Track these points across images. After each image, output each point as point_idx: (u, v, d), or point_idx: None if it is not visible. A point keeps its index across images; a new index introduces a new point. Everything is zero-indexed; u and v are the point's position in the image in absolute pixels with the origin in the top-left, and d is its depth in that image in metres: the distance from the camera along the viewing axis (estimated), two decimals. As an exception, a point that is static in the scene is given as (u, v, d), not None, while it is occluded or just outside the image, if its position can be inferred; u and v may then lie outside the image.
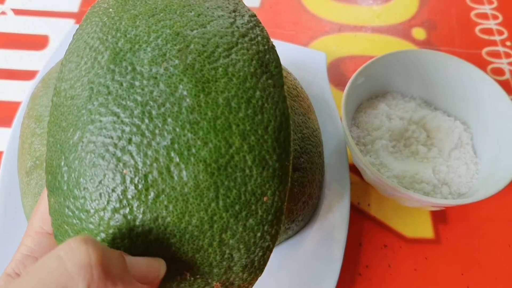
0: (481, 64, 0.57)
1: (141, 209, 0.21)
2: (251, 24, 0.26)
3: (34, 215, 0.25)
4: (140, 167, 0.21)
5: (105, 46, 0.24)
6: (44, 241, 0.23)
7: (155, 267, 0.21)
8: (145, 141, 0.22)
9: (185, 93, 0.22)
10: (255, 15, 0.27)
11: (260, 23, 0.27)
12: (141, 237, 0.22)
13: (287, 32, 0.60)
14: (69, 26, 0.58)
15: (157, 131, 0.22)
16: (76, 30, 0.27)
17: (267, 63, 0.25)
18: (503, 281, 0.42)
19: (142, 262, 0.20)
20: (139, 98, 0.22)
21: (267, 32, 0.27)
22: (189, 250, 0.22)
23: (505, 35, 0.61)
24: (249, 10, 0.28)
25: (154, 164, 0.21)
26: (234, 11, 0.26)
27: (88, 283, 0.17)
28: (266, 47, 0.25)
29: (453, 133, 0.45)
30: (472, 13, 0.63)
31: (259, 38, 0.26)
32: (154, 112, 0.22)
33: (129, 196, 0.21)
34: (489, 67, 0.57)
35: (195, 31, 0.24)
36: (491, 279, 0.42)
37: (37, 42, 0.57)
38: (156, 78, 0.23)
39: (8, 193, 0.40)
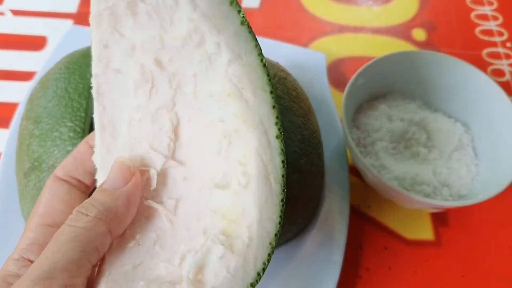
0: (481, 65, 0.57)
1: None
2: None
3: (33, 214, 0.26)
4: None
5: None
6: (46, 231, 0.25)
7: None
8: None
9: None
10: None
11: None
12: None
13: (287, 33, 0.59)
14: (67, 27, 0.57)
15: None
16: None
17: None
18: (503, 284, 0.41)
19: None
20: None
21: None
22: None
23: (505, 36, 0.61)
24: None
25: None
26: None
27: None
28: None
29: (453, 135, 0.45)
30: (472, 14, 0.63)
31: None
32: None
33: None
34: (489, 68, 0.57)
35: None
36: (492, 282, 0.42)
37: (36, 43, 0.56)
38: None
39: (6, 195, 0.40)
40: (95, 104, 0.27)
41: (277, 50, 0.51)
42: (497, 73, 0.57)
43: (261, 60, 0.25)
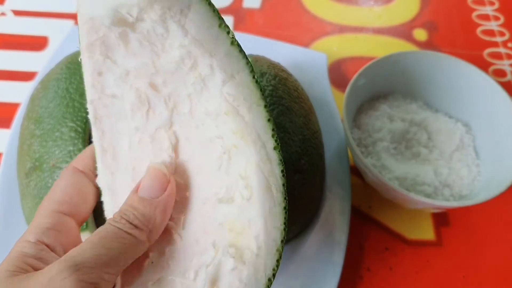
0: (483, 65, 0.57)
1: None
2: None
3: (48, 200, 0.26)
4: None
5: None
6: (62, 219, 0.25)
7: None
8: None
9: None
10: None
11: None
12: None
13: (288, 33, 0.59)
14: (68, 27, 0.57)
15: None
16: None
17: None
18: (505, 284, 0.41)
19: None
20: None
21: None
22: None
23: (507, 36, 0.61)
24: None
25: None
26: None
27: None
28: None
29: (454, 135, 0.45)
30: (474, 14, 0.63)
31: None
32: None
33: None
34: (491, 68, 0.57)
35: None
36: (493, 282, 0.41)
37: (37, 43, 0.56)
38: None
39: (7, 195, 0.40)
40: (93, 129, 0.28)
41: (278, 50, 0.51)
42: (498, 73, 0.57)
43: (253, 77, 0.26)
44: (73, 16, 0.59)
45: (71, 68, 0.40)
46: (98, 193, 0.29)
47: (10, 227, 0.39)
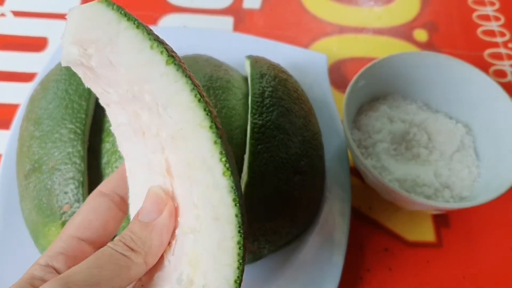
0: (483, 66, 0.57)
1: None
2: None
3: (69, 223, 0.27)
4: None
5: None
6: (76, 244, 0.26)
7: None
8: None
9: None
10: None
11: None
12: None
13: (288, 33, 0.59)
14: (68, 27, 0.57)
15: None
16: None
17: None
18: (505, 285, 0.41)
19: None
20: None
21: None
22: None
23: (507, 37, 0.60)
24: None
25: None
26: None
27: None
28: None
29: (454, 136, 0.45)
30: (474, 15, 0.63)
31: None
32: None
33: None
34: (491, 69, 0.57)
35: None
36: (493, 283, 0.41)
37: (36, 44, 0.56)
38: None
39: (6, 196, 0.40)
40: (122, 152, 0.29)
41: (278, 51, 0.51)
42: (499, 74, 0.57)
43: (195, 96, 0.23)
44: (72, 17, 0.59)
45: (70, 70, 0.39)
46: (123, 217, 0.29)
47: (9, 228, 0.39)
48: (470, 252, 0.43)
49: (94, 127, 0.38)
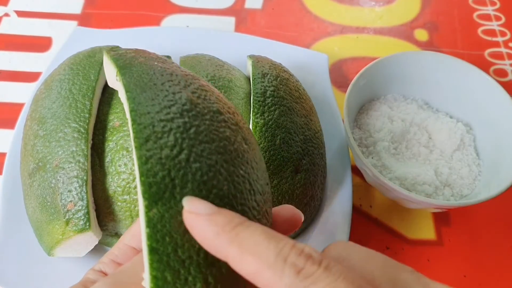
0: (484, 65, 0.57)
1: None
2: None
3: (126, 232, 0.28)
4: None
5: None
6: (128, 252, 0.27)
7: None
8: None
9: None
10: None
11: None
12: None
13: (289, 33, 0.60)
14: (72, 28, 0.58)
15: None
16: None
17: None
18: (506, 283, 0.42)
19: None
20: None
21: None
22: None
23: (508, 36, 0.61)
24: None
25: None
26: None
27: None
28: None
29: (455, 135, 0.45)
30: (475, 14, 0.63)
31: None
32: None
33: None
34: (492, 68, 0.57)
35: None
36: (494, 281, 0.42)
37: (40, 44, 0.57)
38: None
39: (11, 195, 0.40)
40: None
41: (279, 51, 0.51)
42: (500, 73, 0.57)
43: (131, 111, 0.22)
44: (76, 17, 0.60)
45: (74, 69, 0.40)
46: None
47: (14, 227, 0.39)
48: (471, 250, 0.43)
49: (98, 126, 0.38)
